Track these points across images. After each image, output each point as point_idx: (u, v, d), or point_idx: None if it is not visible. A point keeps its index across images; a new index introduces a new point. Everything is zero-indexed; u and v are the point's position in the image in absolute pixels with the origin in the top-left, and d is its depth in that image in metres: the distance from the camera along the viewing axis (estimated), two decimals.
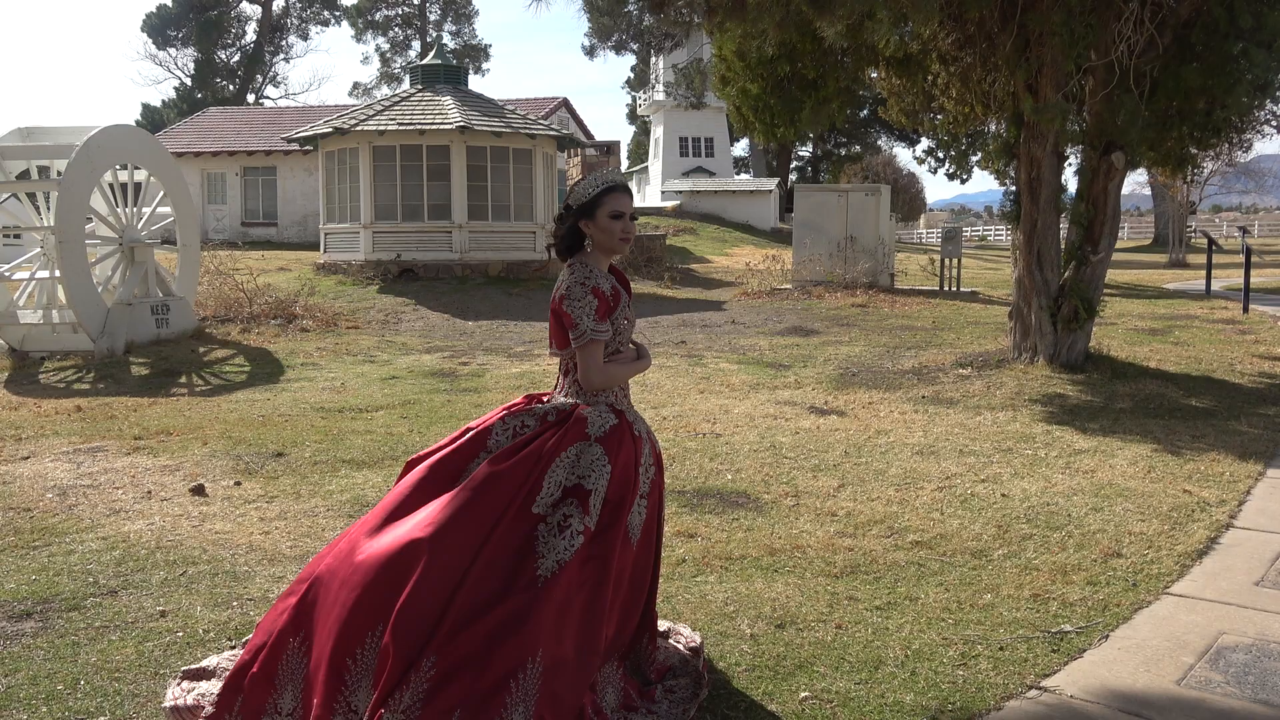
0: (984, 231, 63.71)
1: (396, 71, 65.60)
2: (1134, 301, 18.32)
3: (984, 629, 4.20)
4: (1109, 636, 4.15)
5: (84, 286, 12.29)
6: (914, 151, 63.78)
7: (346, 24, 67.61)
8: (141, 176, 13.72)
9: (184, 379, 11.36)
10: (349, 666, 3.08)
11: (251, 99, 63.51)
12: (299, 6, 67.11)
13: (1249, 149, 26.36)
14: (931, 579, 4.79)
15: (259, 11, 65.11)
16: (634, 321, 3.62)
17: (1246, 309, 16.02)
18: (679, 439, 7.81)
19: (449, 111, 20.15)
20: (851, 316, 15.97)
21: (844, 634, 4.13)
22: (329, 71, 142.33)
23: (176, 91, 62.86)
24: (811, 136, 58.94)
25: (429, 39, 61.89)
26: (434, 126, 19.67)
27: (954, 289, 20.36)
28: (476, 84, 60.20)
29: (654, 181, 51.10)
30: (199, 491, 6.37)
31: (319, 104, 49.55)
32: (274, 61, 66.69)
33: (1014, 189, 10.98)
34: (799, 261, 20.40)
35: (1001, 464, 7.01)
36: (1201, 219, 49.58)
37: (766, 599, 4.50)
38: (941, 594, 4.59)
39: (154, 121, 55.36)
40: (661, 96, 51.47)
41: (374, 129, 19.76)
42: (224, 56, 64.77)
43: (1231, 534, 5.52)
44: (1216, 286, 20.55)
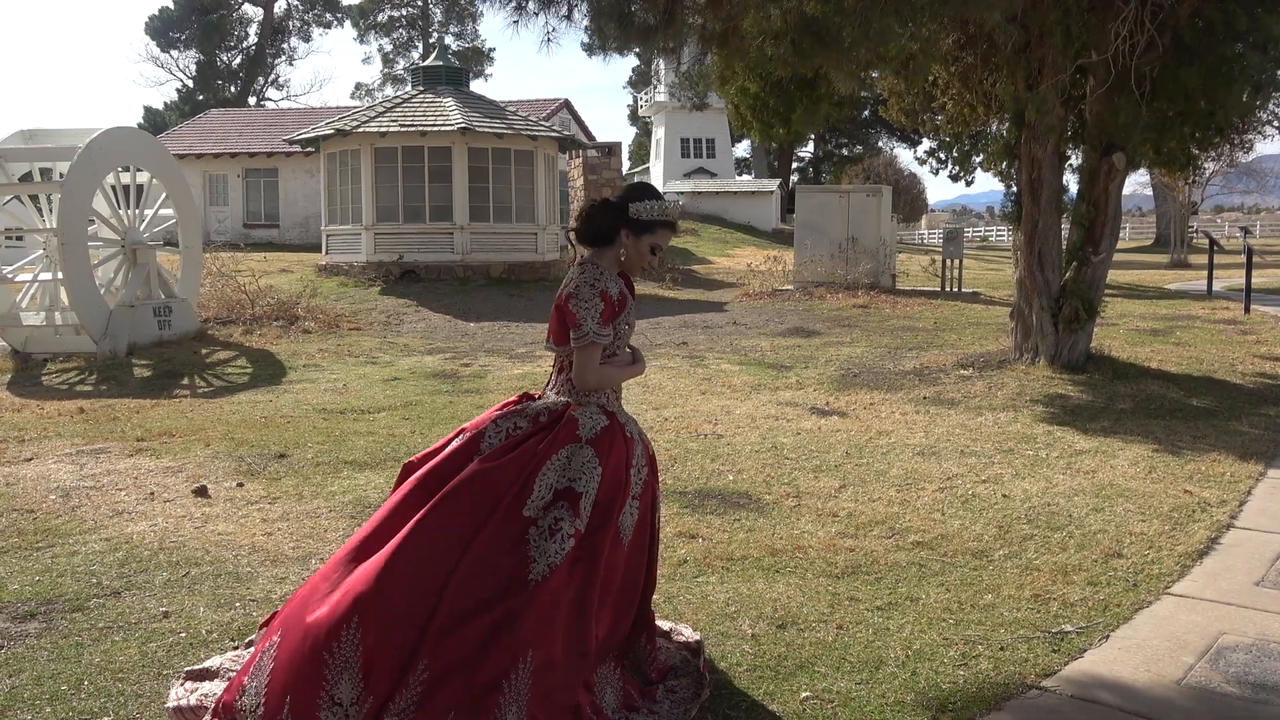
0: (985, 232, 63.67)
1: (399, 73, 65.65)
2: (1135, 302, 18.32)
3: (985, 629, 4.21)
4: (1109, 636, 4.16)
5: (86, 288, 12.32)
6: (915, 152, 63.88)
7: (349, 25, 67.72)
8: (144, 178, 13.74)
9: (186, 381, 11.38)
10: (326, 660, 3.09)
11: (253, 101, 63.59)
12: (301, 8, 67.23)
13: (1250, 149, 26.41)
14: (932, 579, 4.80)
15: (261, 14, 65.21)
16: (634, 326, 3.64)
17: (1248, 309, 16.02)
18: (680, 440, 7.82)
19: (451, 113, 20.17)
20: (853, 317, 15.98)
21: (845, 634, 4.14)
22: (331, 73, 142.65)
23: (179, 93, 62.97)
24: (813, 137, 59.00)
25: (431, 41, 61.90)
26: (436, 128, 19.69)
27: (955, 290, 20.36)
28: (480, 86, 60.43)
29: (655, 183, 51.11)
30: (201, 493, 6.38)
31: (321, 105, 49.64)
32: (276, 63, 66.81)
33: (1015, 190, 10.99)
34: (800, 262, 20.41)
35: (1002, 465, 7.02)
36: (1203, 219, 49.58)
37: (768, 599, 4.51)
38: (942, 594, 4.60)
39: (156, 123, 55.43)
40: (663, 98, 51.50)
41: (376, 130, 19.78)
42: (226, 58, 64.86)
43: (1232, 534, 5.52)
44: (1218, 287, 20.55)
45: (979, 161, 14.90)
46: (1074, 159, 11.33)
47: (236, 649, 3.88)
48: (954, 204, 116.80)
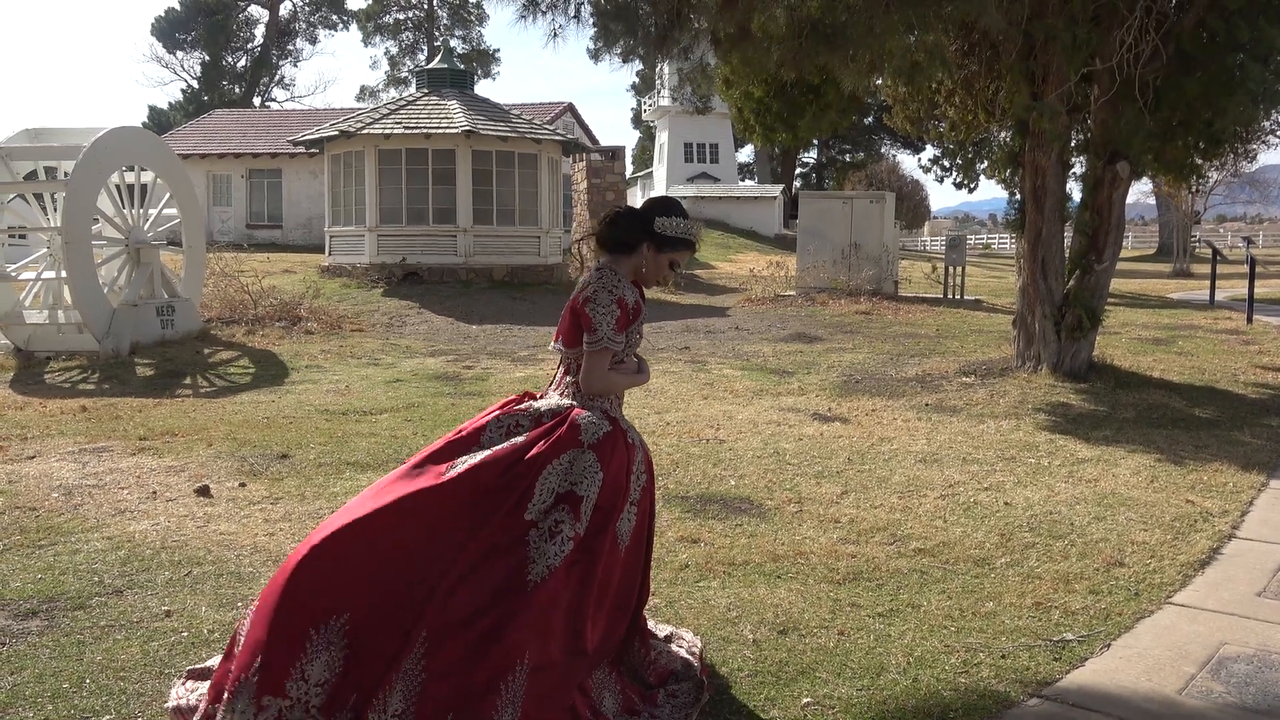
0: (988, 239, 63.68)
1: (404, 75, 65.66)
2: (1138, 311, 18.31)
3: (986, 637, 4.21)
4: (1111, 645, 4.16)
5: (90, 287, 12.33)
6: (919, 159, 63.98)
7: (355, 27, 67.82)
8: (148, 178, 13.76)
9: (189, 380, 11.38)
10: (311, 637, 3.12)
11: (258, 102, 63.67)
12: (307, 10, 67.34)
13: (1253, 159, 26.35)
14: (934, 586, 4.80)
15: (266, 15, 65.30)
16: (643, 335, 3.65)
17: (1250, 319, 16.01)
18: (682, 445, 7.83)
19: (455, 115, 20.20)
20: (855, 324, 15.98)
21: (846, 640, 4.14)
22: (336, 75, 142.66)
23: (183, 94, 63.07)
24: (816, 143, 59.03)
25: (436, 44, 61.98)
26: (440, 130, 19.72)
27: (958, 297, 20.36)
28: (486, 89, 60.49)
29: (658, 187, 51.14)
30: (204, 492, 6.39)
31: (325, 107, 49.64)
32: (281, 65, 66.90)
33: (1019, 197, 11.00)
34: (803, 268, 20.42)
35: (1004, 472, 7.02)
36: (1206, 229, 49.54)
37: (769, 605, 4.51)
38: (944, 601, 4.60)
39: (161, 123, 55.49)
40: (667, 102, 51.53)
41: (380, 132, 19.80)
42: (231, 59, 64.97)
43: (1234, 544, 5.52)
44: (1220, 297, 20.53)
45: (982, 169, 14.92)
46: (1078, 167, 11.35)
47: None
48: (957, 211, 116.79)
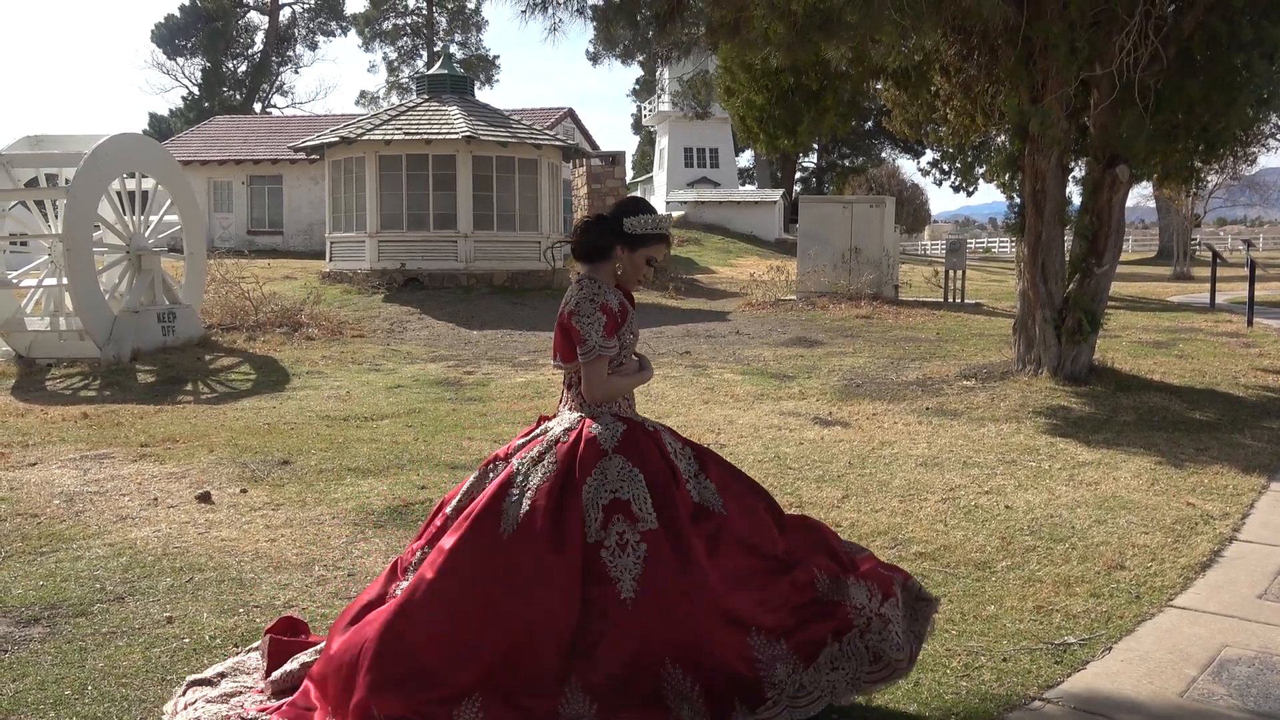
0: (989, 243, 63.67)
1: (404, 81, 65.72)
2: (1138, 314, 18.32)
3: (987, 640, 4.21)
4: (1112, 648, 4.16)
5: (91, 294, 12.34)
6: (919, 163, 63.88)
7: (354, 33, 67.88)
8: (149, 185, 13.78)
9: (190, 386, 11.40)
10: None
11: (258, 108, 63.72)
12: (306, 17, 67.44)
13: (1253, 162, 26.34)
14: (935, 590, 4.79)
15: (266, 21, 65.41)
16: (638, 335, 3.66)
17: (1251, 322, 16.01)
18: None
19: (455, 121, 20.22)
20: (856, 328, 15.99)
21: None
22: (336, 81, 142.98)
23: (184, 100, 63.12)
24: (816, 148, 59.05)
25: (436, 49, 62.07)
26: (440, 136, 19.74)
27: (958, 301, 20.36)
28: (486, 95, 60.60)
29: (659, 192, 51.16)
30: (205, 499, 6.39)
31: (325, 113, 49.69)
32: (281, 71, 66.99)
33: (1018, 201, 11.01)
34: (803, 272, 20.42)
35: (1005, 476, 7.02)
36: (1206, 232, 49.55)
37: None
38: (945, 605, 4.59)
39: (162, 130, 55.56)
40: (667, 107, 51.57)
41: (380, 138, 19.82)
42: (231, 66, 65.03)
43: (1235, 547, 5.52)
44: (1221, 300, 20.53)
45: (981, 173, 14.92)
46: (1077, 171, 11.35)
47: (239, 655, 3.89)
48: (957, 215, 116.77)
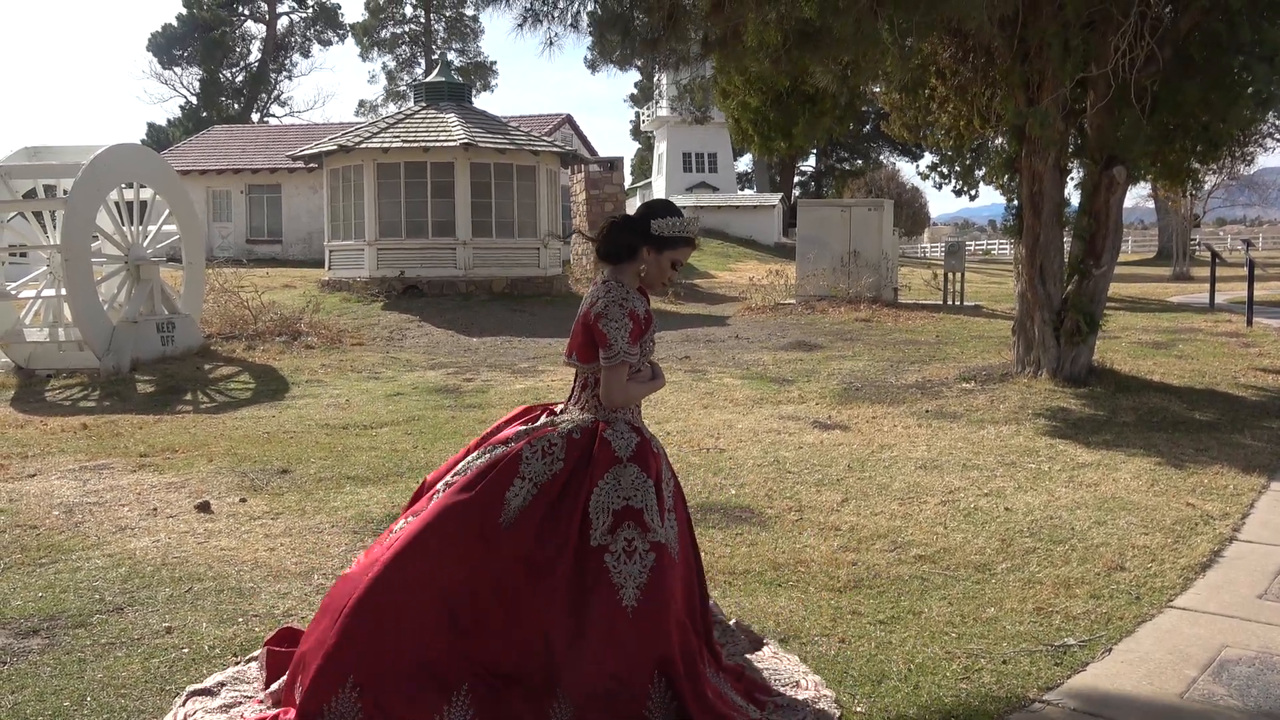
0: (988, 245, 63.67)
1: (402, 89, 65.85)
2: (1138, 315, 18.32)
3: (987, 642, 4.21)
4: (1112, 650, 4.15)
5: (90, 304, 12.34)
6: (917, 166, 63.84)
7: (352, 41, 68.00)
8: (147, 195, 13.78)
9: (189, 396, 11.39)
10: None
11: (256, 118, 63.80)
12: (303, 25, 67.50)
13: (1251, 162, 26.31)
14: (935, 593, 4.80)
15: (263, 30, 65.52)
16: (655, 343, 3.66)
17: (1250, 322, 16.01)
18: (683, 454, 7.82)
19: (453, 129, 20.24)
20: (855, 331, 15.98)
21: (847, 648, 4.14)
22: (334, 89, 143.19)
23: (182, 110, 63.14)
24: (815, 151, 59.11)
25: (434, 57, 62.15)
26: (438, 144, 19.76)
27: (957, 303, 20.36)
28: (484, 102, 60.50)
29: (657, 197, 51.14)
30: (204, 508, 6.39)
31: (324, 122, 49.77)
32: (279, 80, 67.06)
33: (1016, 203, 11.01)
34: (802, 276, 20.42)
35: (1005, 478, 7.02)
36: (1206, 232, 49.56)
37: (770, 614, 4.51)
38: (945, 608, 4.59)
39: (160, 140, 55.61)
40: (665, 112, 51.61)
41: (378, 146, 19.85)
42: (229, 75, 65.13)
43: (1234, 547, 5.52)
44: (1220, 299, 20.53)
45: (981, 175, 14.92)
46: (1075, 172, 11.36)
47: (239, 664, 3.89)
48: (956, 217, 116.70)
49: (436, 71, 23.79)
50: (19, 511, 6.36)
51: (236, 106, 63.75)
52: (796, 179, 57.65)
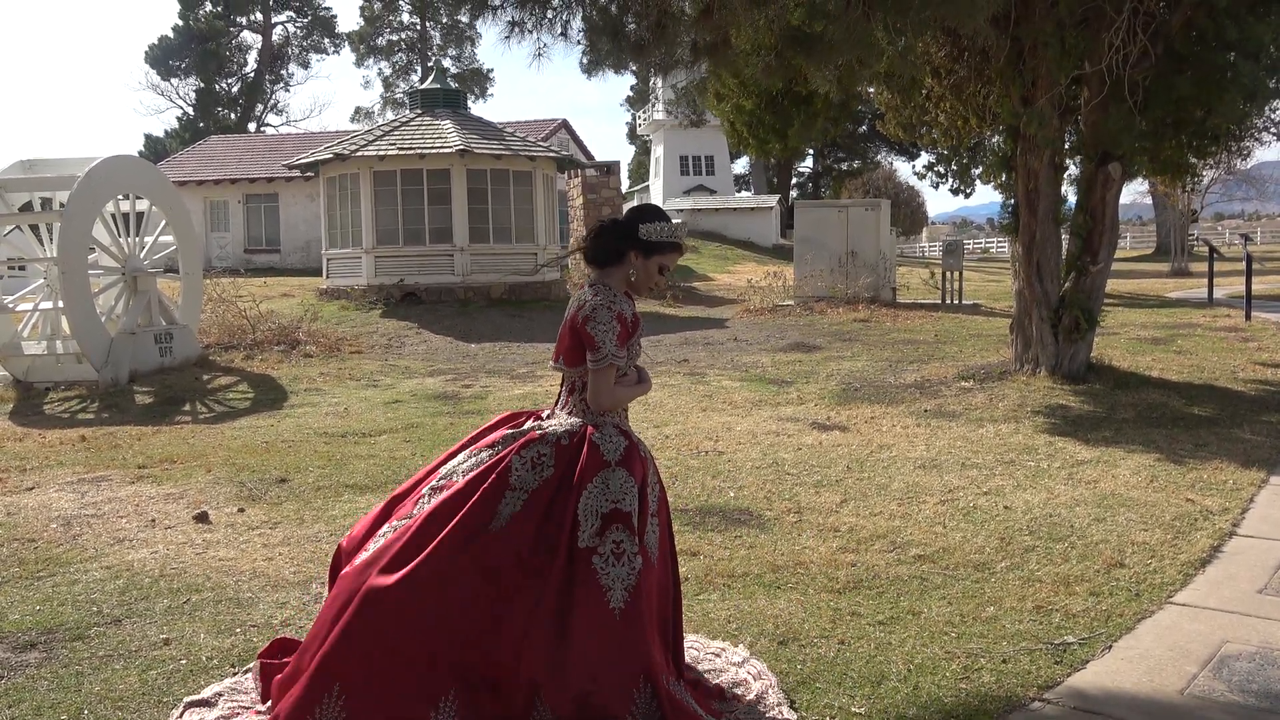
0: (986, 244, 63.67)
1: (398, 96, 65.85)
2: (1136, 311, 18.31)
3: (987, 642, 4.20)
4: (1112, 647, 4.15)
5: (87, 316, 12.34)
6: (914, 166, 63.82)
7: (348, 50, 68.02)
8: (143, 206, 13.78)
9: (188, 407, 11.38)
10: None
11: (253, 127, 63.81)
12: (299, 35, 67.55)
13: (1248, 156, 26.31)
14: (934, 593, 4.79)
15: (259, 40, 65.55)
16: (642, 347, 3.65)
17: (1249, 316, 16.01)
18: (681, 457, 7.82)
19: (449, 135, 20.25)
20: (853, 331, 15.98)
21: (847, 649, 4.13)
22: (330, 98, 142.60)
23: (179, 121, 63.19)
24: (811, 152, 59.15)
25: (430, 64, 62.16)
26: (434, 150, 19.77)
27: (956, 302, 20.36)
28: (480, 108, 60.66)
29: (655, 201, 51.17)
30: (203, 519, 6.38)
31: (320, 130, 49.77)
32: (275, 89, 67.08)
33: (1013, 201, 11.01)
34: (800, 277, 20.43)
35: (1004, 476, 7.01)
36: (1204, 227, 49.52)
37: (769, 616, 4.50)
38: (944, 607, 4.59)
39: (157, 151, 55.64)
40: (661, 116, 51.58)
41: (374, 154, 19.85)
42: (225, 85, 65.13)
43: (1234, 542, 5.51)
44: (1219, 294, 20.53)
45: (977, 174, 14.92)
46: (1071, 169, 11.36)
47: (236, 675, 3.88)
48: (954, 216, 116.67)
49: (432, 78, 23.82)
50: (17, 525, 6.36)
51: (233, 116, 63.80)
52: (794, 180, 57.74)
